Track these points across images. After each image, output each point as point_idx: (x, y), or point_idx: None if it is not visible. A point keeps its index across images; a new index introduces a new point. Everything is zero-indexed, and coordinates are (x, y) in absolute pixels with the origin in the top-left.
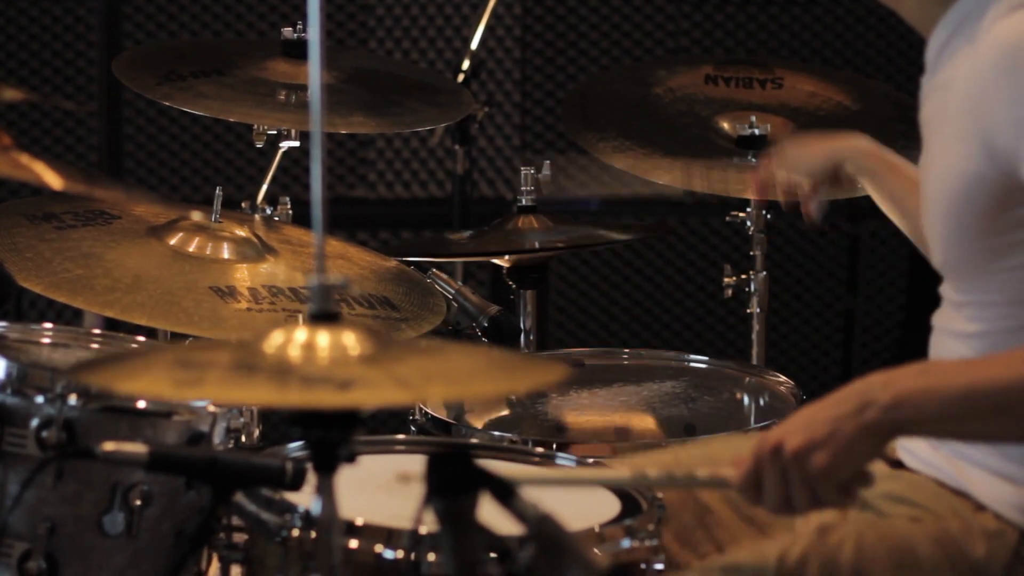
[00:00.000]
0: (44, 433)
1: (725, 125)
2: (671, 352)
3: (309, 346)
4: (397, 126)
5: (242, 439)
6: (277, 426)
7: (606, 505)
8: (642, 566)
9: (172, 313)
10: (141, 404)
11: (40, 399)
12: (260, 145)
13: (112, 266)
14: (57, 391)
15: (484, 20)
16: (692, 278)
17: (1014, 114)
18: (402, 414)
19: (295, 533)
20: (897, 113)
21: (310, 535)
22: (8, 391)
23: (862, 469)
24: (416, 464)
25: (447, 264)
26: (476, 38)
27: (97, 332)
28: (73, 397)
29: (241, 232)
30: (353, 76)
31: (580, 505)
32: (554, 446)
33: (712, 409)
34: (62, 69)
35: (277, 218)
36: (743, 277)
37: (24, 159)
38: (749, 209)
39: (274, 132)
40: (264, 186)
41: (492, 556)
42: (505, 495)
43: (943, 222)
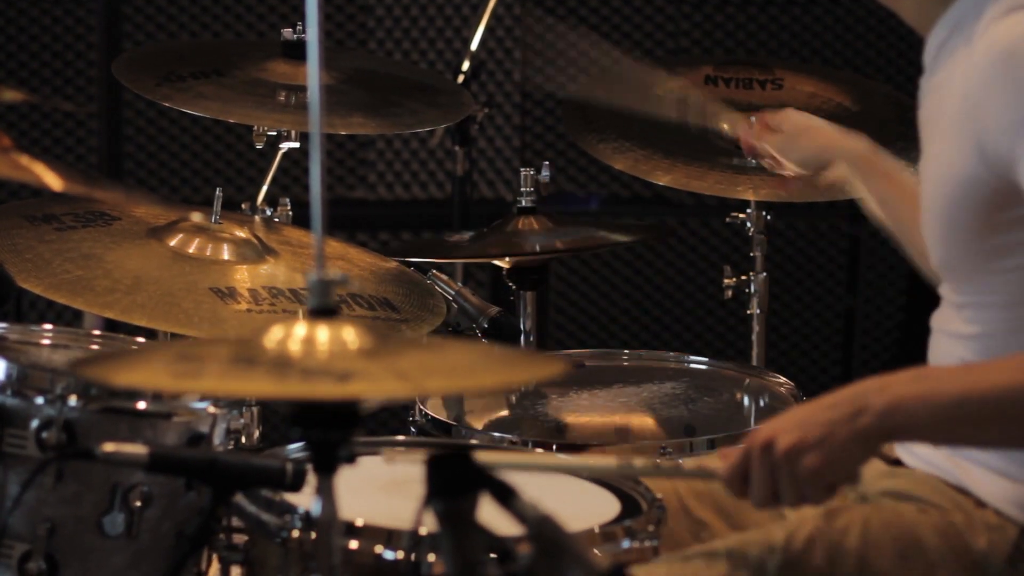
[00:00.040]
0: (44, 434)
1: (725, 126)
2: (671, 353)
3: (308, 340)
4: (397, 127)
5: (242, 440)
6: (277, 427)
7: (606, 506)
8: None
9: (172, 314)
10: (141, 405)
11: (40, 400)
12: (260, 146)
13: (112, 267)
14: (57, 392)
15: (484, 21)
16: (692, 279)
17: (1008, 117)
18: (402, 415)
19: (295, 534)
20: (897, 114)
21: (310, 536)
22: (8, 392)
23: (851, 472)
24: (415, 466)
25: (447, 265)
26: (476, 39)
27: (97, 333)
28: (73, 398)
29: (241, 233)
30: (353, 77)
31: (580, 506)
32: (554, 447)
33: (712, 410)
34: (62, 70)
35: (277, 219)
36: (743, 278)
37: (24, 160)
38: (749, 210)
39: (274, 133)
40: (264, 187)
41: (492, 557)
42: (505, 496)
43: (940, 223)
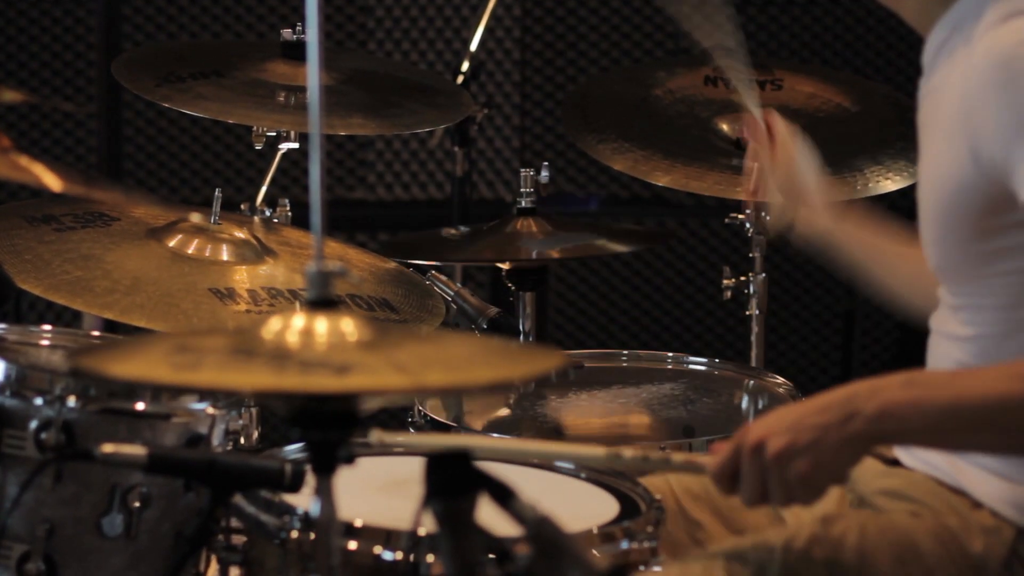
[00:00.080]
0: (43, 435)
1: (724, 127)
2: (670, 354)
3: (307, 332)
4: (396, 128)
5: (241, 441)
6: (276, 428)
7: (605, 507)
8: (640, 568)
9: (171, 315)
10: (140, 406)
11: (39, 401)
12: (259, 147)
13: (111, 268)
14: (56, 393)
15: (483, 22)
16: (691, 280)
17: (1002, 124)
18: (401, 416)
19: (294, 535)
20: (896, 114)
21: (309, 536)
22: (7, 393)
23: (841, 475)
24: (414, 466)
25: (446, 266)
26: (475, 40)
27: (96, 334)
28: (72, 399)
29: (240, 234)
30: (352, 78)
31: (578, 507)
32: None
33: (711, 411)
34: (61, 71)
35: (276, 220)
36: (742, 279)
37: (23, 161)
38: (748, 211)
39: (273, 134)
40: (263, 188)
41: (491, 557)
42: (504, 496)
43: (935, 226)
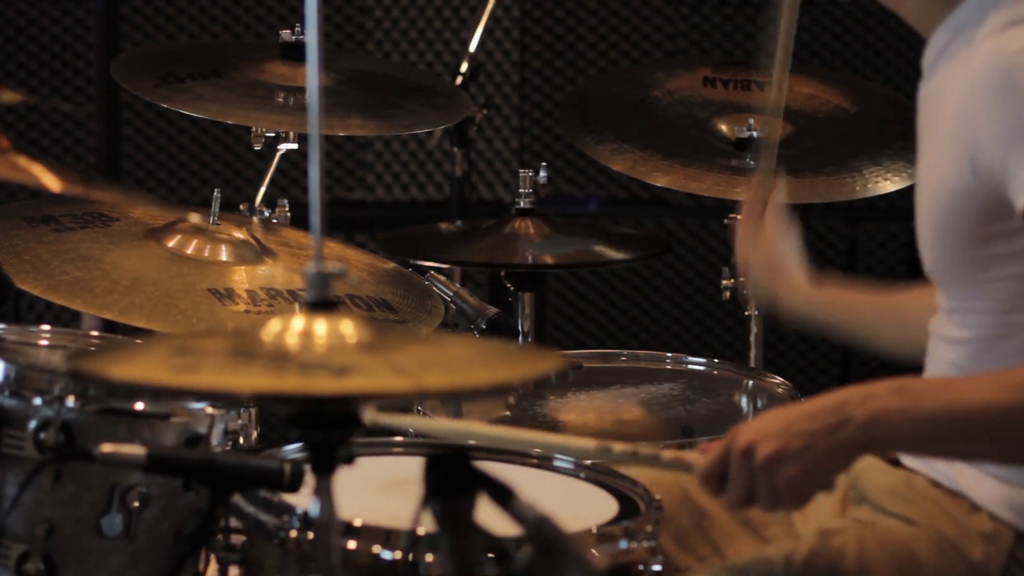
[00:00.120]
0: (42, 435)
1: (723, 127)
2: (669, 354)
3: (306, 334)
4: (395, 128)
5: (240, 441)
6: (275, 428)
7: (604, 506)
8: (640, 567)
9: (170, 315)
10: (139, 406)
11: (38, 401)
12: (258, 147)
13: (110, 268)
14: (55, 393)
15: (482, 22)
16: (690, 280)
17: (1000, 132)
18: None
19: (293, 534)
20: (895, 115)
21: (308, 536)
22: (6, 393)
23: (828, 481)
24: (414, 466)
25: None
26: (474, 40)
27: (95, 334)
28: (71, 399)
29: (239, 234)
30: (351, 78)
31: (578, 506)
32: None
33: (710, 411)
34: (60, 71)
35: (275, 220)
36: (741, 279)
37: (22, 161)
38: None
39: (272, 134)
40: (262, 188)
41: (490, 557)
42: (503, 496)
43: (931, 229)
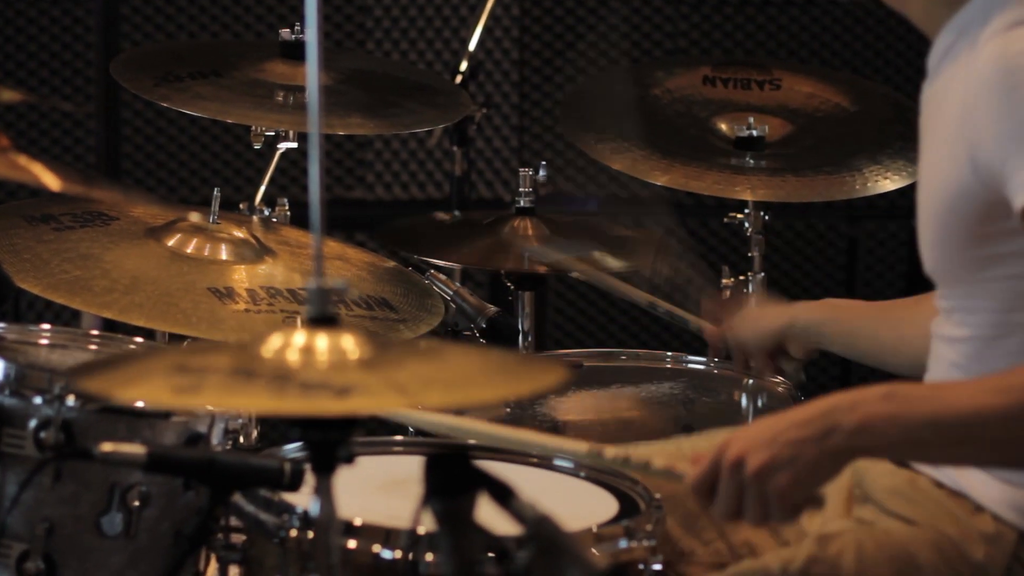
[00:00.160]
0: (42, 434)
1: (723, 126)
2: (669, 353)
3: (307, 350)
4: (395, 127)
5: (240, 440)
6: (275, 427)
7: (604, 506)
8: (640, 566)
9: (170, 314)
10: (139, 405)
11: (38, 400)
12: (258, 146)
13: (110, 267)
14: (55, 392)
15: (482, 21)
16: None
17: (1001, 133)
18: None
19: (293, 533)
20: (895, 114)
21: (308, 535)
22: (6, 392)
23: (817, 491)
24: (414, 466)
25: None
26: (474, 39)
27: (95, 333)
28: (71, 398)
29: (239, 233)
30: (351, 77)
31: (578, 506)
32: None
33: (710, 410)
34: (60, 70)
35: (275, 219)
36: (741, 278)
37: (22, 160)
38: (747, 211)
39: (272, 133)
40: (262, 187)
41: (490, 556)
42: (503, 496)
43: (932, 229)
